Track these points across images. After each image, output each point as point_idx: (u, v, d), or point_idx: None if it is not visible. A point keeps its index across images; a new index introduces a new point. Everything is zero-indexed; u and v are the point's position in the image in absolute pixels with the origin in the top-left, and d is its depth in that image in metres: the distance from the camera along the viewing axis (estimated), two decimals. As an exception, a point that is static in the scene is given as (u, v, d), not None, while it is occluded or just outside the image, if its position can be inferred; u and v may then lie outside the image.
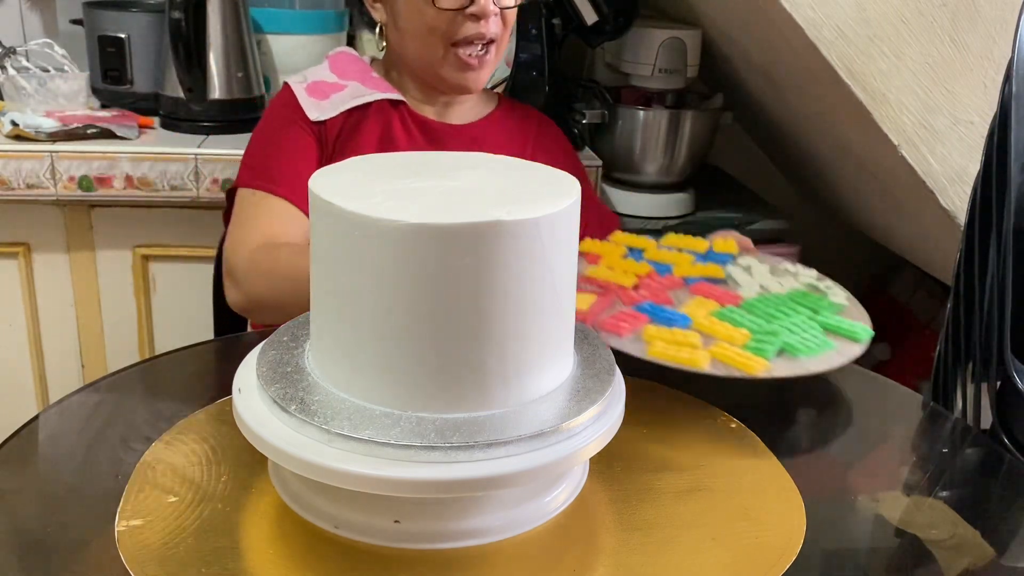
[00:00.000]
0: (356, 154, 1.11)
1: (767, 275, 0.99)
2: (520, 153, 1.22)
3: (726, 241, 1.06)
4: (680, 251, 1.03)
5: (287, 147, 1.11)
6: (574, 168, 1.27)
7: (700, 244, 1.05)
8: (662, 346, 0.80)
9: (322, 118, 1.12)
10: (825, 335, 0.86)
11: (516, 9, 1.10)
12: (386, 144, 1.14)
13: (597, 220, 1.24)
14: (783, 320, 0.88)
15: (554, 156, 1.25)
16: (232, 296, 1.05)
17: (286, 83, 1.16)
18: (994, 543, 0.69)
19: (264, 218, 1.06)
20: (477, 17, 1.05)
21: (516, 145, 1.23)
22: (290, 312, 1.01)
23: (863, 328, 0.88)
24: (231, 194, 1.13)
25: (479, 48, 1.08)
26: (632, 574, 0.61)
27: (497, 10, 1.06)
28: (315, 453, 0.59)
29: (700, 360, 0.78)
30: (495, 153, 1.16)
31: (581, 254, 1.02)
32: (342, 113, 1.13)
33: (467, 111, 1.21)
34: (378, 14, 1.13)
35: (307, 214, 1.09)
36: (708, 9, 1.59)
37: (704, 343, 0.82)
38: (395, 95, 1.15)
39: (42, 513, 0.66)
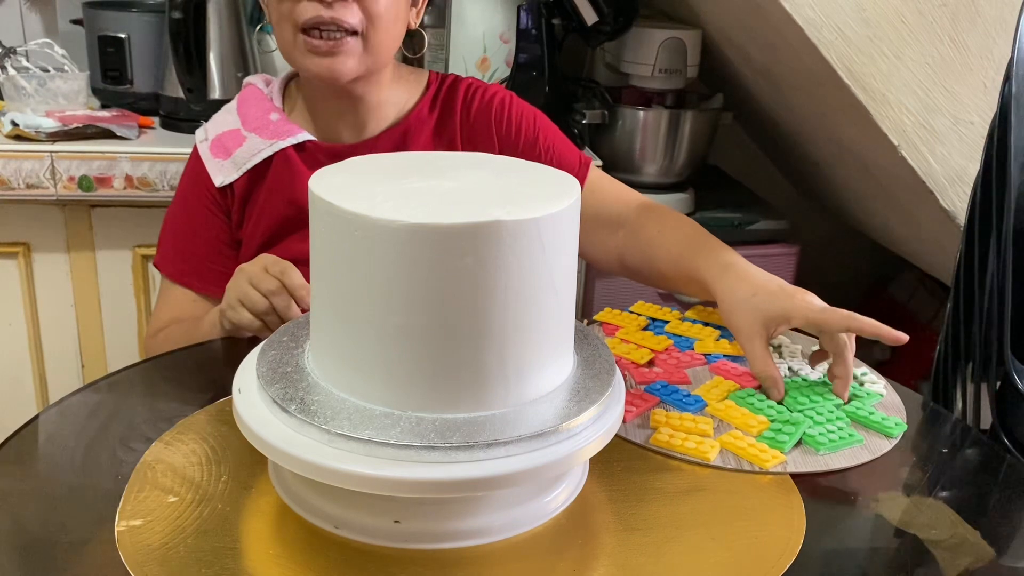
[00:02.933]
0: (261, 215, 1.10)
1: (798, 356, 0.93)
2: (451, 139, 1.13)
3: None
4: (705, 325, 0.98)
5: (192, 232, 1.13)
6: (530, 129, 1.15)
7: None
8: (668, 433, 0.77)
9: (227, 182, 1.10)
10: (853, 427, 0.80)
11: (386, 1, 1.01)
12: (291, 193, 1.10)
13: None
14: (808, 408, 0.82)
15: (500, 127, 1.14)
16: None
17: (195, 144, 1.15)
18: (994, 543, 0.69)
19: (164, 305, 1.13)
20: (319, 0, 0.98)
21: (444, 138, 1.13)
22: None
23: (897, 422, 0.81)
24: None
25: (334, 33, 1.00)
26: (632, 574, 0.61)
27: None
28: (315, 453, 0.59)
29: (708, 452, 0.75)
30: (423, 150, 1.10)
31: (598, 324, 0.99)
32: (247, 172, 1.10)
33: (385, 112, 1.12)
34: (266, 10, 1.08)
35: (209, 295, 1.10)
36: (708, 9, 1.59)
37: (716, 430, 0.78)
38: (297, 137, 1.10)
39: (42, 513, 0.66)
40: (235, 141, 1.12)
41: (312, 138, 1.11)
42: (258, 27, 1.09)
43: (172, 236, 1.14)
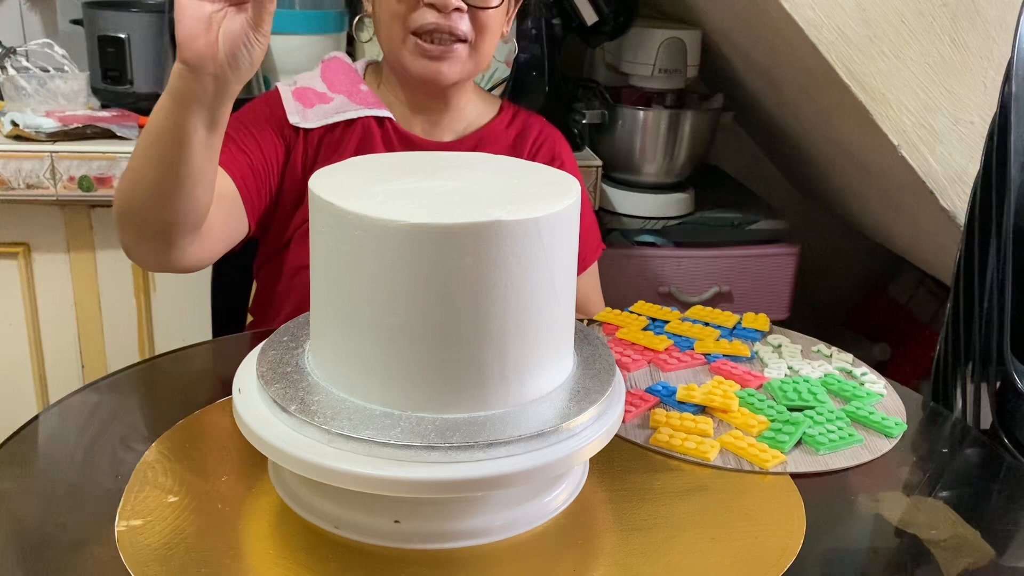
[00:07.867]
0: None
1: (798, 356, 0.94)
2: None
3: (757, 317, 1.01)
4: (706, 325, 0.98)
5: (244, 130, 1.06)
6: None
7: (728, 318, 1.01)
8: (668, 433, 0.77)
9: (303, 125, 1.10)
10: (853, 427, 0.80)
11: (495, 13, 1.06)
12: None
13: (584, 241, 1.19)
14: (807, 407, 0.83)
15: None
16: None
17: (276, 85, 1.15)
18: (994, 543, 0.69)
19: None
20: (437, 8, 1.01)
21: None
22: (144, 216, 0.87)
23: (897, 422, 0.81)
24: None
25: (446, 39, 1.04)
26: (632, 574, 0.61)
27: (462, 5, 1.02)
28: (315, 453, 0.59)
29: (708, 452, 0.75)
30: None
31: (598, 324, 0.99)
32: (324, 126, 1.11)
33: (458, 124, 1.16)
34: (368, 4, 1.12)
35: (229, 177, 0.99)
36: (708, 9, 1.59)
37: (716, 430, 0.79)
38: (381, 111, 1.12)
39: (42, 513, 0.66)
40: (320, 98, 1.12)
41: (393, 118, 1.13)
42: (356, 18, 1.13)
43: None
